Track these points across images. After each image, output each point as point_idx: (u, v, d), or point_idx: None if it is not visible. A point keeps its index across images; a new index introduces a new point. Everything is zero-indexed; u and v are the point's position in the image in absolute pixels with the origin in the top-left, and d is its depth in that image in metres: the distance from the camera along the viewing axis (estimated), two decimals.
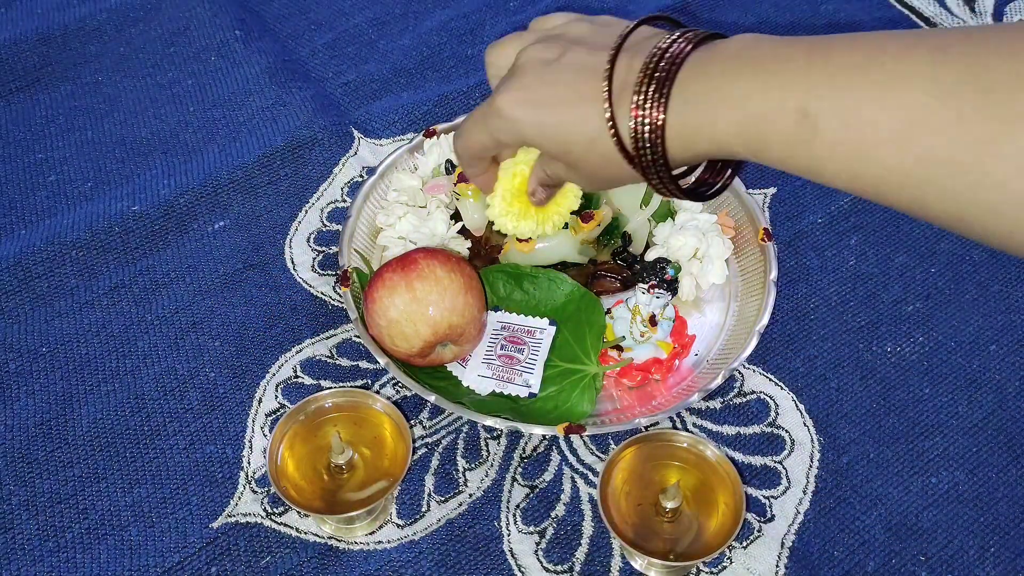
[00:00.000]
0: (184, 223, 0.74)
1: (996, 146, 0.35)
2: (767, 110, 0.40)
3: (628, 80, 0.44)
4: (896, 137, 0.37)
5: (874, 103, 0.37)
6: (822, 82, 0.38)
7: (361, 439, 0.59)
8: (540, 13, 0.89)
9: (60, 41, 0.87)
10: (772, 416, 0.64)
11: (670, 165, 0.45)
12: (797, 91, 0.39)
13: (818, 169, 0.40)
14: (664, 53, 0.43)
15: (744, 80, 0.41)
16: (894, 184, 0.38)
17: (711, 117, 0.42)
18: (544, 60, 0.48)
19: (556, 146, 0.48)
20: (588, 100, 0.46)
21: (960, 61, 0.36)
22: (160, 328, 0.68)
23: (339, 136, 0.79)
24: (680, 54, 0.43)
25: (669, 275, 0.66)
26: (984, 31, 0.37)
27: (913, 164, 0.37)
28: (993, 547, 0.59)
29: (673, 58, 0.43)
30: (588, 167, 0.48)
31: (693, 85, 0.42)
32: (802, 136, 0.39)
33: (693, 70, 0.43)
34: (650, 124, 0.43)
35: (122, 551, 0.58)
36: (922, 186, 0.37)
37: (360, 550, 0.58)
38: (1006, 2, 0.89)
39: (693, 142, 0.43)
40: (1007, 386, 0.65)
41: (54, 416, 0.63)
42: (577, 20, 0.52)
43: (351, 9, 0.90)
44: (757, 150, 0.42)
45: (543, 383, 0.63)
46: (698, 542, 0.55)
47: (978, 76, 0.35)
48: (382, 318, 0.60)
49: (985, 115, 0.35)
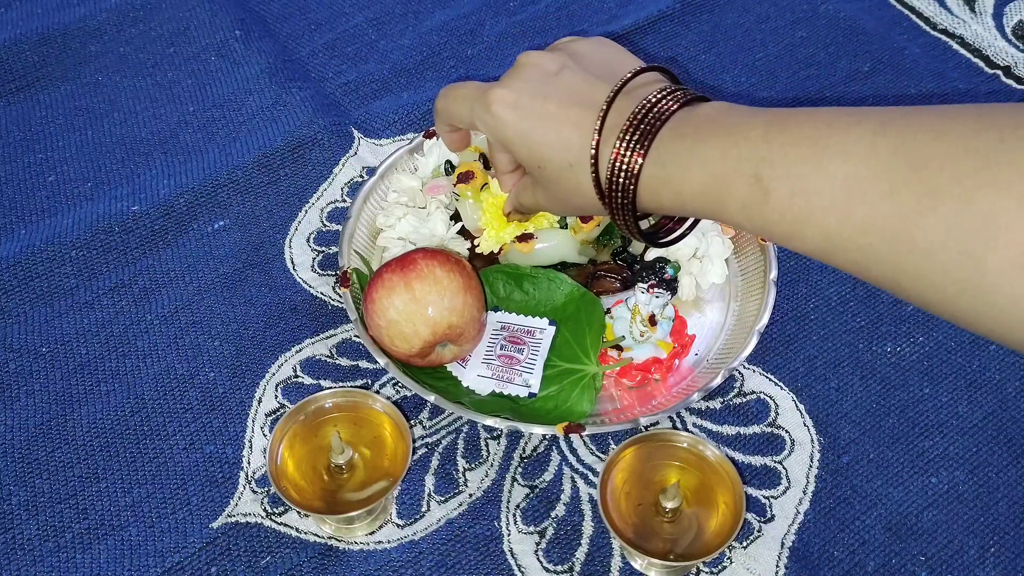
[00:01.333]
0: (184, 223, 0.74)
1: (922, 217, 0.37)
2: (726, 173, 0.43)
3: (616, 123, 0.47)
4: (837, 205, 0.40)
5: (818, 174, 0.40)
6: (775, 152, 0.42)
7: (361, 439, 0.59)
8: (540, 13, 0.90)
9: (60, 41, 0.87)
10: (772, 416, 0.64)
11: (636, 209, 0.48)
12: (753, 159, 0.42)
13: (769, 230, 0.43)
14: (652, 108, 0.46)
15: (710, 145, 0.44)
16: (838, 248, 0.41)
17: (680, 175, 0.45)
18: (544, 70, 0.51)
19: (532, 159, 0.51)
20: (576, 128, 0.49)
21: (895, 138, 0.39)
22: (160, 328, 0.68)
23: (339, 136, 0.79)
24: (667, 111, 0.46)
25: (669, 275, 0.66)
26: (921, 112, 0.39)
27: (852, 231, 0.40)
28: (993, 547, 0.59)
29: (660, 114, 0.46)
30: (557, 189, 0.51)
31: (670, 144, 0.46)
32: (755, 199, 0.42)
33: (672, 130, 0.46)
34: (627, 169, 0.47)
35: (122, 551, 0.58)
36: (862, 251, 0.40)
37: (360, 550, 0.58)
38: (1006, 2, 0.89)
39: (659, 194, 0.47)
40: (1007, 386, 0.65)
41: (54, 416, 0.63)
42: (582, 40, 0.55)
43: (351, 9, 0.90)
44: (716, 210, 0.45)
45: (543, 383, 0.63)
46: (698, 542, 0.55)
47: (909, 152, 0.38)
48: (381, 318, 0.60)
49: (913, 189, 0.38)
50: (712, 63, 0.85)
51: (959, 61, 0.85)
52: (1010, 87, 0.83)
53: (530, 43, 0.87)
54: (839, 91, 0.83)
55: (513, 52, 0.86)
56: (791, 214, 0.41)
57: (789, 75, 0.84)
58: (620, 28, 0.87)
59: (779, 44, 0.87)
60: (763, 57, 0.86)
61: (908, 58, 0.85)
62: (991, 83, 0.83)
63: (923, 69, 0.84)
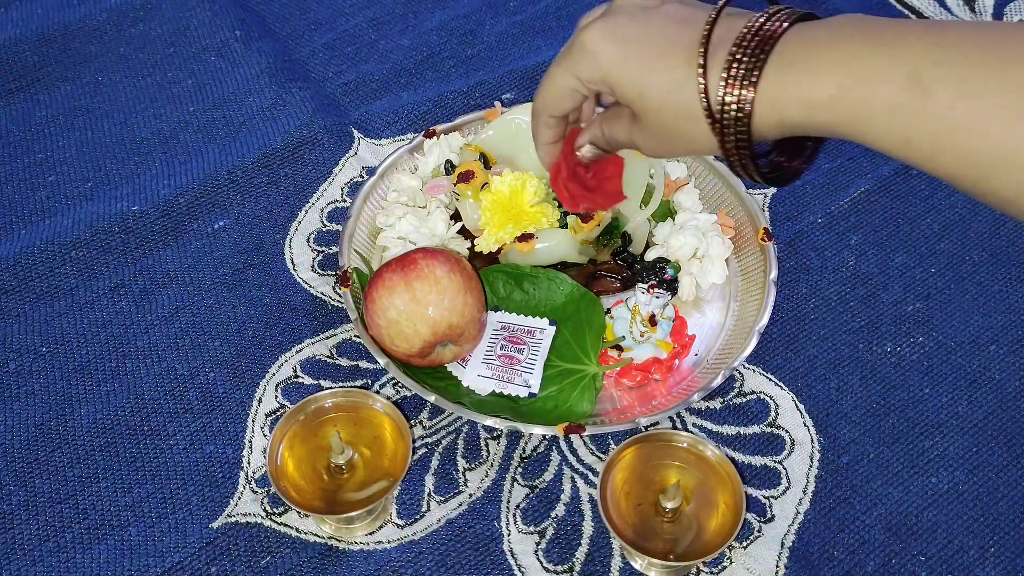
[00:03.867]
0: (184, 223, 0.74)
1: None
2: (874, 72, 0.38)
3: (726, 37, 0.42)
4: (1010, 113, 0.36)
5: (997, 78, 0.36)
6: (944, 52, 0.37)
7: (361, 439, 0.59)
8: (540, 13, 0.90)
9: (60, 41, 0.87)
10: (772, 416, 0.64)
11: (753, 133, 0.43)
12: (910, 59, 0.38)
13: (917, 141, 0.38)
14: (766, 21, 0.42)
15: (852, 44, 0.39)
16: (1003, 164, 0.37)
17: (809, 80, 0.40)
18: (641, 5, 0.46)
19: (633, 88, 0.45)
20: (679, 47, 0.44)
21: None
22: (160, 328, 0.68)
23: (339, 136, 0.79)
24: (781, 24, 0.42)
25: (669, 275, 0.66)
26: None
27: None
28: (993, 547, 0.59)
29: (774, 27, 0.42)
30: (659, 121, 0.46)
31: (794, 48, 0.41)
32: (909, 102, 0.38)
33: (796, 35, 0.41)
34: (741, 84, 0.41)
35: (122, 551, 0.58)
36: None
37: (360, 550, 0.58)
38: (1006, 2, 0.89)
39: (783, 107, 0.41)
40: (1007, 386, 0.65)
41: (54, 416, 0.63)
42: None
43: (351, 9, 0.90)
44: (855, 117, 0.40)
45: (543, 383, 0.63)
46: (698, 542, 0.55)
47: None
48: (382, 318, 0.60)
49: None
50: None
51: None
52: None
53: (530, 43, 0.87)
54: None
55: (513, 52, 0.86)
56: (953, 119, 0.37)
57: None
58: None
59: None
60: None
61: None
62: None
63: None
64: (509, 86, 0.83)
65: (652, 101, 0.45)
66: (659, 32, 0.45)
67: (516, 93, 0.82)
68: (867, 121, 0.39)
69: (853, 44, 0.39)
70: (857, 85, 0.39)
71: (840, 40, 0.40)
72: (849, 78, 0.39)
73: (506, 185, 0.66)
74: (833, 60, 0.40)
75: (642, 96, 0.45)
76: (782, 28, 0.41)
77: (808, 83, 0.40)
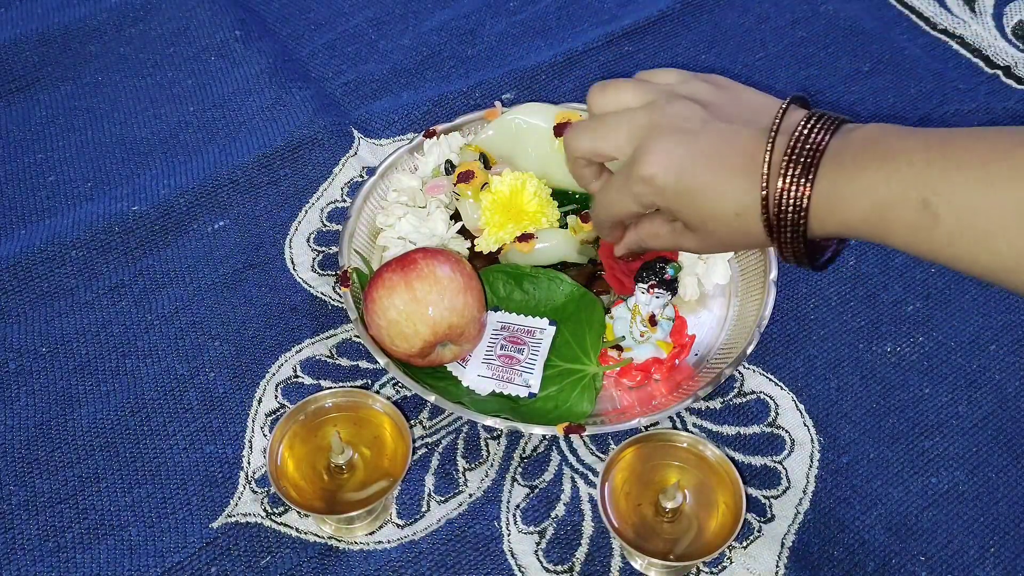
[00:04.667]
0: (184, 223, 0.74)
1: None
2: (891, 199, 0.44)
3: (774, 160, 0.47)
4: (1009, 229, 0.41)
5: (989, 198, 0.41)
6: (942, 177, 0.42)
7: (361, 439, 0.59)
8: (540, 13, 0.89)
9: (60, 41, 0.87)
10: (772, 416, 0.64)
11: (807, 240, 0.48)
12: (918, 184, 0.43)
13: (938, 253, 0.43)
14: (806, 140, 0.46)
15: (871, 172, 0.44)
16: (1011, 269, 0.41)
17: (844, 204, 0.45)
18: (685, 129, 0.50)
19: (696, 215, 0.50)
20: (738, 174, 0.48)
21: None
22: (160, 328, 0.68)
23: (339, 136, 0.79)
24: (821, 142, 0.46)
25: (669, 275, 0.66)
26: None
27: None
28: (993, 547, 0.59)
29: (816, 145, 0.46)
30: (716, 235, 0.51)
31: (831, 173, 0.46)
32: (924, 224, 0.43)
33: (831, 159, 0.46)
34: (795, 204, 0.46)
35: (122, 551, 0.58)
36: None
37: (360, 550, 0.58)
38: (1006, 2, 0.89)
39: (825, 223, 0.47)
40: (1007, 386, 0.65)
41: (54, 416, 0.63)
42: (696, 80, 0.54)
43: (351, 9, 0.90)
44: (883, 235, 0.45)
45: (543, 383, 0.63)
46: (698, 542, 0.55)
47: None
48: (382, 318, 0.60)
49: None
50: (712, 63, 0.85)
51: (959, 61, 0.85)
52: (1010, 87, 0.83)
53: (530, 43, 0.87)
54: (839, 91, 0.83)
55: (513, 52, 0.86)
56: (962, 239, 0.42)
57: (789, 75, 0.84)
58: (620, 28, 0.87)
59: (779, 44, 0.87)
60: (763, 57, 0.86)
61: (908, 58, 0.85)
62: (991, 83, 0.83)
63: (923, 69, 0.84)
64: (509, 86, 0.83)
65: (712, 225, 0.50)
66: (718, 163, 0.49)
67: (516, 93, 0.82)
68: (893, 237, 0.45)
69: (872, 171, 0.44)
70: (881, 211, 0.44)
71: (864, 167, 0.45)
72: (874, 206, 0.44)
73: (506, 185, 0.66)
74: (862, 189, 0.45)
75: (703, 222, 0.50)
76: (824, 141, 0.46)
77: (844, 209, 0.45)
